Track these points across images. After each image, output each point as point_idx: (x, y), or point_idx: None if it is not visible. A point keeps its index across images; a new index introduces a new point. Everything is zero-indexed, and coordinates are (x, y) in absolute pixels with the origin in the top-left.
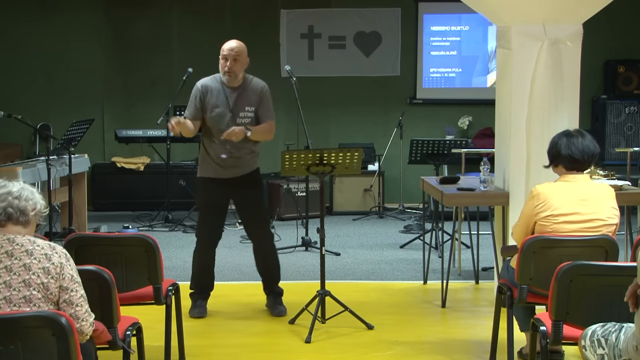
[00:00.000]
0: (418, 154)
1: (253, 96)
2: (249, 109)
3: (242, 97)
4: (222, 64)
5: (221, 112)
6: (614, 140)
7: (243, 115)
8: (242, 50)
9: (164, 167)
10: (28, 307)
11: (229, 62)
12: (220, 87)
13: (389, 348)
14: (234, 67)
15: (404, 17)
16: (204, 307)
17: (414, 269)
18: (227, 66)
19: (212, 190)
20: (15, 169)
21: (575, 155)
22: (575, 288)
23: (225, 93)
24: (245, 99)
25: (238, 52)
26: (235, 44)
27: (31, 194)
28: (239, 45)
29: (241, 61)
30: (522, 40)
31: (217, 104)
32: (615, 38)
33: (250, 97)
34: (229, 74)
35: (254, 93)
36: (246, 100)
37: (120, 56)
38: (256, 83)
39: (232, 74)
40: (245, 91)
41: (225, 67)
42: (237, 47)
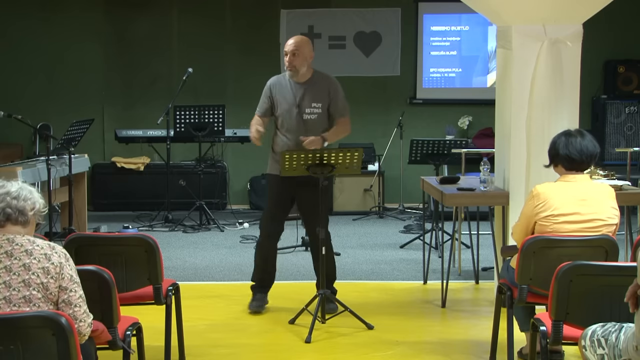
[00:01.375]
0: (418, 154)
1: (321, 92)
2: (315, 105)
3: (309, 92)
4: (285, 60)
5: (288, 108)
6: (614, 140)
7: (310, 111)
8: (302, 44)
9: (164, 167)
10: (28, 307)
11: (288, 56)
12: (287, 83)
13: (389, 348)
14: (293, 61)
15: (404, 17)
16: (262, 301)
17: (414, 269)
18: (287, 60)
19: (279, 187)
20: (15, 169)
21: (573, 155)
22: (575, 288)
23: (292, 89)
24: (312, 94)
25: (297, 47)
26: (295, 39)
27: (30, 194)
28: (299, 39)
29: (302, 55)
30: (522, 40)
31: (284, 100)
32: (615, 38)
33: (317, 93)
34: (289, 68)
35: (321, 89)
36: (313, 96)
37: (120, 56)
38: (326, 79)
39: (292, 68)
40: (313, 87)
41: (286, 62)
42: (296, 42)
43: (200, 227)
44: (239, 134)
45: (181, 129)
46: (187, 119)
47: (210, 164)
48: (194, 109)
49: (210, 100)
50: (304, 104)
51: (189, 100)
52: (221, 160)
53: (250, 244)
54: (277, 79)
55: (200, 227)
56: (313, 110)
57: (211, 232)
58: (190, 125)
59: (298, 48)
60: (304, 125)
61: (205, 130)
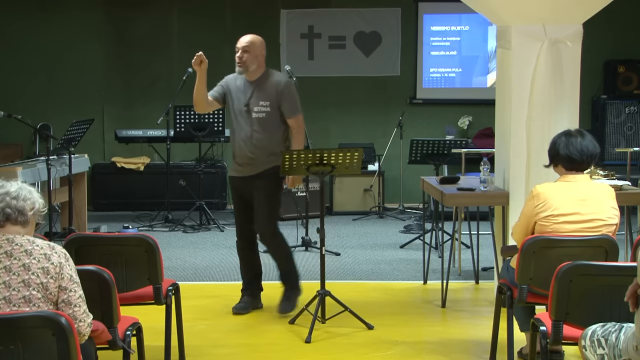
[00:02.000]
0: (418, 154)
1: (271, 91)
2: (263, 103)
3: (259, 91)
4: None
5: (239, 106)
6: (614, 140)
7: (257, 110)
8: (254, 43)
9: (164, 167)
10: (28, 307)
11: (239, 52)
12: (240, 81)
13: (389, 348)
14: (243, 57)
15: (404, 17)
16: (246, 303)
17: (414, 269)
18: (237, 57)
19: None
20: (15, 169)
21: (574, 155)
22: (575, 288)
23: (243, 87)
24: (260, 93)
25: (249, 44)
26: (248, 37)
27: (29, 194)
28: (251, 37)
29: (253, 53)
30: (522, 40)
31: (236, 98)
32: (615, 38)
33: (266, 92)
34: (239, 64)
35: (272, 88)
36: (262, 94)
37: (120, 56)
38: (276, 78)
39: (242, 65)
40: (262, 85)
41: (237, 58)
42: (248, 39)
43: (200, 227)
44: None
45: (181, 129)
46: (187, 119)
47: (210, 164)
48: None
49: None
50: (252, 102)
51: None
52: (221, 160)
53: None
54: (231, 77)
55: (200, 227)
56: (261, 109)
57: (211, 232)
58: (190, 125)
59: (250, 45)
60: (253, 124)
61: (205, 130)
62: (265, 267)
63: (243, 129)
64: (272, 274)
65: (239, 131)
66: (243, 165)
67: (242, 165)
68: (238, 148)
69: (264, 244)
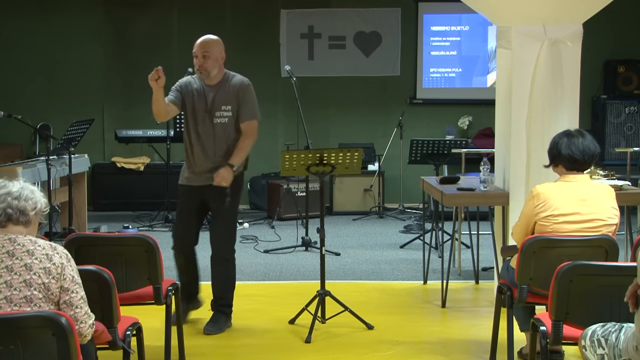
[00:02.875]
0: (418, 154)
1: (231, 94)
2: (225, 107)
3: (220, 95)
4: (194, 63)
5: (198, 113)
6: (614, 140)
7: (219, 114)
8: (213, 45)
9: (164, 167)
10: (29, 307)
11: (198, 59)
12: (199, 85)
13: (389, 348)
14: (204, 64)
15: (404, 17)
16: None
17: (414, 269)
18: (198, 63)
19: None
20: (15, 169)
21: (576, 156)
22: (575, 288)
23: (203, 92)
24: (222, 97)
25: (208, 48)
26: (205, 39)
27: (31, 193)
28: (210, 39)
29: (213, 57)
30: (522, 40)
31: (195, 104)
32: (615, 38)
33: (227, 95)
34: (200, 71)
35: (232, 91)
36: (223, 98)
37: (120, 56)
38: (236, 80)
39: (203, 71)
40: (223, 89)
41: (197, 64)
42: (206, 43)
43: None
44: None
45: (181, 129)
46: None
47: None
48: None
49: None
50: (215, 107)
51: None
52: None
53: (250, 243)
54: (187, 81)
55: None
56: (223, 113)
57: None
58: None
59: (209, 49)
60: (214, 130)
61: None
62: (264, 266)
63: (204, 135)
64: (272, 274)
65: (198, 138)
66: (201, 173)
67: (200, 174)
68: (197, 156)
69: (218, 260)
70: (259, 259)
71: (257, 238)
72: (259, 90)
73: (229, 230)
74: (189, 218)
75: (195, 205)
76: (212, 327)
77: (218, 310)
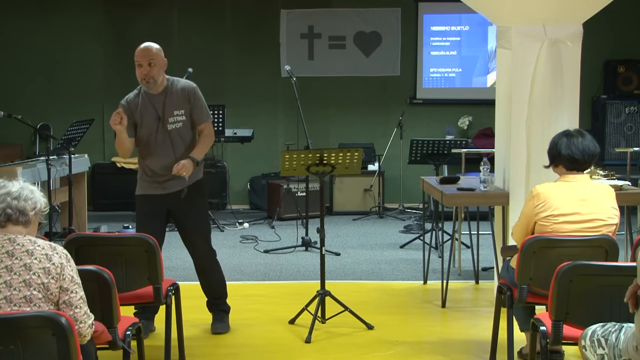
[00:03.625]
0: (418, 154)
1: (181, 99)
2: (177, 112)
3: (169, 101)
4: (138, 72)
5: (151, 124)
6: (614, 140)
7: (173, 120)
8: (158, 53)
9: None
10: (28, 307)
11: (143, 67)
12: (144, 98)
13: (389, 348)
14: (150, 72)
15: (404, 17)
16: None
17: (414, 269)
18: (143, 73)
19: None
20: (15, 169)
21: (576, 156)
22: (575, 288)
23: (151, 102)
24: (172, 103)
25: (152, 56)
26: (148, 47)
27: (31, 193)
28: (152, 47)
29: (159, 64)
30: (522, 40)
31: (146, 117)
32: (615, 38)
33: (177, 100)
34: (147, 80)
35: (181, 95)
36: (173, 104)
37: (120, 56)
38: (183, 84)
39: (150, 80)
40: (171, 94)
41: (142, 73)
42: (150, 51)
43: None
44: (239, 134)
45: None
46: None
47: (210, 164)
48: None
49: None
50: (167, 114)
51: None
52: (221, 160)
53: (250, 243)
54: (129, 98)
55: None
56: (176, 118)
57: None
58: None
59: (153, 57)
60: (170, 136)
61: None
62: (264, 266)
63: (161, 144)
64: (272, 274)
65: (154, 148)
66: (164, 182)
67: (163, 183)
68: (157, 164)
69: (204, 265)
70: (259, 259)
71: (257, 238)
72: (259, 90)
73: (203, 231)
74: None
75: (158, 213)
76: (220, 326)
77: (219, 310)
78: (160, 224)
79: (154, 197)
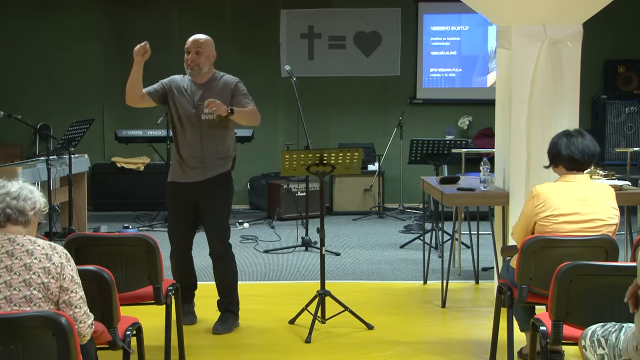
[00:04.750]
0: (418, 154)
1: (222, 91)
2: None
3: (208, 92)
4: (185, 58)
5: (186, 109)
6: (614, 140)
7: (208, 111)
8: (207, 43)
9: (164, 167)
10: (28, 306)
11: (190, 54)
12: (187, 84)
13: (389, 348)
14: (197, 59)
15: (404, 17)
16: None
17: (414, 269)
18: (190, 59)
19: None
20: (15, 169)
21: (576, 156)
22: (575, 288)
23: (190, 89)
24: (211, 94)
25: (201, 45)
26: (199, 36)
27: (30, 193)
28: (203, 37)
29: (206, 54)
30: (522, 40)
31: (182, 101)
32: (615, 38)
33: (217, 93)
34: (192, 67)
35: (224, 89)
36: (212, 96)
37: (120, 56)
38: (226, 78)
39: (195, 67)
40: (213, 88)
41: (188, 60)
42: (200, 40)
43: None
44: (239, 134)
45: None
46: None
47: None
48: None
49: None
50: (202, 106)
51: None
52: None
53: (250, 243)
54: (174, 77)
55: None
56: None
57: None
58: None
59: (202, 46)
60: (200, 126)
61: None
62: (264, 266)
63: (191, 132)
64: (272, 274)
65: (186, 134)
66: (191, 169)
67: (189, 171)
68: (186, 152)
69: (218, 257)
70: (259, 259)
71: (257, 238)
72: (259, 90)
73: (223, 228)
74: (184, 217)
75: (187, 205)
76: (221, 327)
77: (226, 310)
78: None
79: (178, 185)
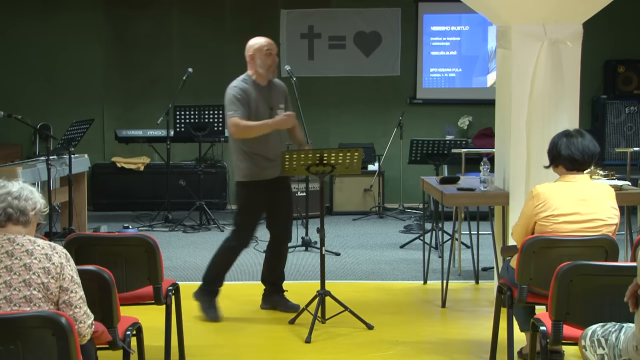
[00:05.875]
0: (418, 154)
1: (281, 93)
2: (281, 105)
3: (274, 93)
4: (267, 61)
5: (263, 112)
6: (614, 140)
7: (279, 112)
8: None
9: (164, 167)
10: (28, 306)
11: (273, 56)
12: (253, 87)
13: (389, 348)
14: (276, 61)
15: (404, 17)
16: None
17: (414, 269)
18: (275, 61)
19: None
20: (15, 169)
21: (576, 156)
22: (575, 288)
23: (261, 92)
24: (277, 95)
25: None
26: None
27: (30, 194)
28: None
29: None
30: (522, 40)
31: (260, 104)
32: (615, 38)
33: (279, 94)
34: (273, 69)
35: (281, 91)
36: (278, 96)
37: (120, 56)
38: (279, 82)
39: (275, 69)
40: (275, 87)
41: (272, 62)
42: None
43: (200, 227)
44: None
45: (181, 129)
46: (187, 119)
47: (210, 164)
48: (194, 109)
49: (210, 100)
50: (275, 105)
51: (189, 100)
52: (221, 160)
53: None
54: (242, 85)
55: (200, 227)
56: (281, 109)
57: (211, 232)
58: (190, 125)
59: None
60: None
61: (205, 130)
62: None
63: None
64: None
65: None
66: (274, 166)
67: (273, 168)
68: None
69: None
70: (259, 259)
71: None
72: None
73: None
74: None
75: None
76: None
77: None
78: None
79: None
